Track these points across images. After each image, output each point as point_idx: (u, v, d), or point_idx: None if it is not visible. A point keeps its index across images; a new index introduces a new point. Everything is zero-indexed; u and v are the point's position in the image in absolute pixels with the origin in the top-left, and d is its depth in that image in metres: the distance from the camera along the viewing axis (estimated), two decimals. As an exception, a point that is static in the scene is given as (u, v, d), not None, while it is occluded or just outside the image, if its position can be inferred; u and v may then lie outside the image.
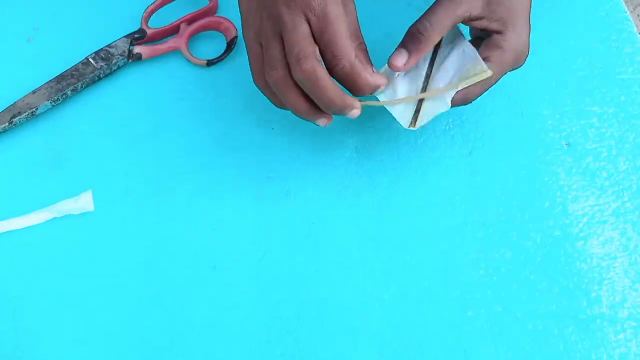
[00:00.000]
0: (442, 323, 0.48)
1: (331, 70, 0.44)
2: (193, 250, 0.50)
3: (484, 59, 0.48)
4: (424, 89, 0.49)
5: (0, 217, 0.50)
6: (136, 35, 0.58)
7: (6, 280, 0.48)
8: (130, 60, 0.57)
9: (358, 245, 0.51)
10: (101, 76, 0.56)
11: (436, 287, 0.49)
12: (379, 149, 0.55)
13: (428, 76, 0.49)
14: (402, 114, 0.48)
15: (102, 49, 0.57)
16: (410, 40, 0.46)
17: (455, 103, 0.49)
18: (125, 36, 0.57)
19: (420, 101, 0.49)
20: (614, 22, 0.62)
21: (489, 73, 0.47)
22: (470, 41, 0.50)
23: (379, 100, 0.49)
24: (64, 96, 0.55)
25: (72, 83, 0.55)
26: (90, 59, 0.56)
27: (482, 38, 0.50)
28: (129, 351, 0.46)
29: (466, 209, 0.53)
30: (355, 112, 0.46)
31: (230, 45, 0.59)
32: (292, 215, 0.52)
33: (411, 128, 0.49)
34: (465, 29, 0.51)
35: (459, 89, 0.48)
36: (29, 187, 0.52)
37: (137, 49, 0.57)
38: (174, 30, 0.59)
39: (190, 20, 0.59)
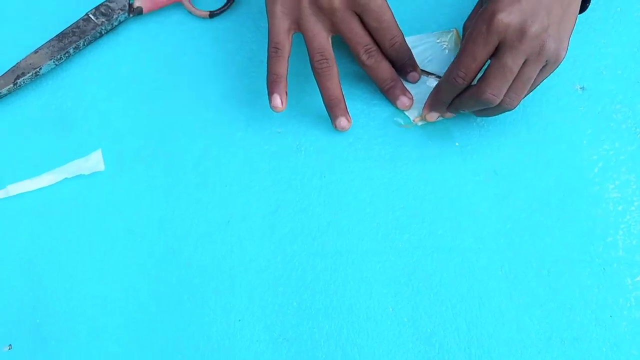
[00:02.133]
0: (456, 271, 0.48)
1: (389, 48, 0.51)
2: (206, 206, 0.50)
3: None
4: None
5: (12, 179, 0.50)
6: (136, -11, 0.56)
7: (22, 242, 0.48)
8: (131, 15, 0.56)
9: (370, 196, 0.51)
10: (102, 32, 0.55)
11: (449, 235, 0.49)
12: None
13: None
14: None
15: (101, 4, 0.55)
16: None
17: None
18: (125, -11, 0.56)
19: None
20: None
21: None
22: None
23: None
24: (66, 55, 0.54)
25: (74, 41, 0.54)
26: (90, 15, 0.55)
27: None
28: (145, 308, 0.46)
29: (478, 158, 0.52)
30: (407, 101, 0.53)
31: (233, -5, 0.57)
32: (303, 169, 0.51)
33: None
34: None
35: None
36: (38, 148, 0.51)
37: (137, 3, 0.56)
38: (174, -18, 0.57)
39: (190, -29, 0.57)
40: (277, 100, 0.49)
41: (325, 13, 0.48)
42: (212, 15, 0.57)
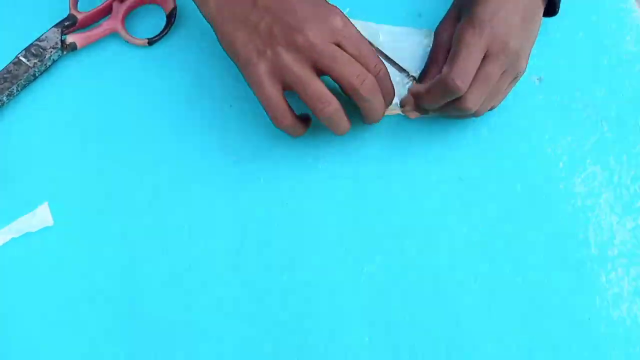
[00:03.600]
0: (431, 290, 0.47)
1: (375, 77, 0.46)
2: (165, 252, 0.47)
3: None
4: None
5: (-45, 244, 0.47)
6: (66, 23, 0.53)
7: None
8: (65, 52, 0.53)
9: (337, 219, 0.49)
10: (36, 74, 0.52)
11: (421, 252, 0.48)
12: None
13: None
14: None
15: (32, 44, 0.52)
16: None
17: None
18: (54, 26, 0.53)
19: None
20: None
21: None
22: None
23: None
24: (0, 103, 0.50)
25: (7, 87, 0.50)
26: (21, 58, 0.51)
27: None
28: (115, 365, 0.44)
29: (441, 165, 0.51)
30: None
31: (170, 18, 0.54)
32: (265, 198, 0.49)
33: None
34: None
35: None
36: (-20, 206, 0.48)
37: (70, 38, 0.52)
38: (106, 11, 0.54)
39: (122, -3, 0.54)
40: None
41: (305, 52, 0.43)
42: (151, 42, 0.54)
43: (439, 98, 0.48)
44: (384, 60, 0.53)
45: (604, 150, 0.52)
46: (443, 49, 0.50)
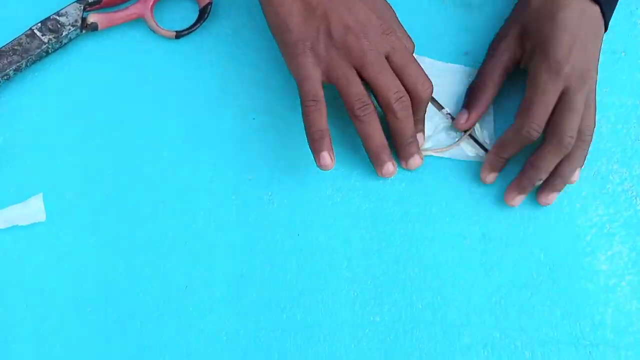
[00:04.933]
0: (437, 350, 0.44)
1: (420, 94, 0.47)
2: (162, 268, 0.44)
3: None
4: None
5: None
6: (90, 0, 0.49)
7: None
8: (83, 31, 0.49)
9: (348, 260, 0.46)
10: (49, 51, 0.48)
11: (432, 308, 0.45)
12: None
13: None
14: None
15: (49, 17, 0.48)
16: (469, 99, 0.50)
17: None
18: (77, 1, 0.49)
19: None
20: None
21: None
22: None
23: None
24: (5, 77, 0.46)
25: (15, 61, 0.46)
26: (35, 31, 0.47)
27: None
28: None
29: (465, 218, 0.48)
30: (419, 161, 0.48)
31: (203, 13, 0.50)
32: (275, 225, 0.46)
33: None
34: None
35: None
36: (-33, 187, 0.44)
37: (92, 17, 0.48)
38: (136, -6, 0.50)
39: (155, -18, 0.50)
40: (326, 158, 0.44)
41: (356, 57, 0.44)
42: (179, 35, 0.50)
43: (514, 148, 0.48)
44: None
45: (634, 230, 0.49)
46: (499, 69, 0.49)
